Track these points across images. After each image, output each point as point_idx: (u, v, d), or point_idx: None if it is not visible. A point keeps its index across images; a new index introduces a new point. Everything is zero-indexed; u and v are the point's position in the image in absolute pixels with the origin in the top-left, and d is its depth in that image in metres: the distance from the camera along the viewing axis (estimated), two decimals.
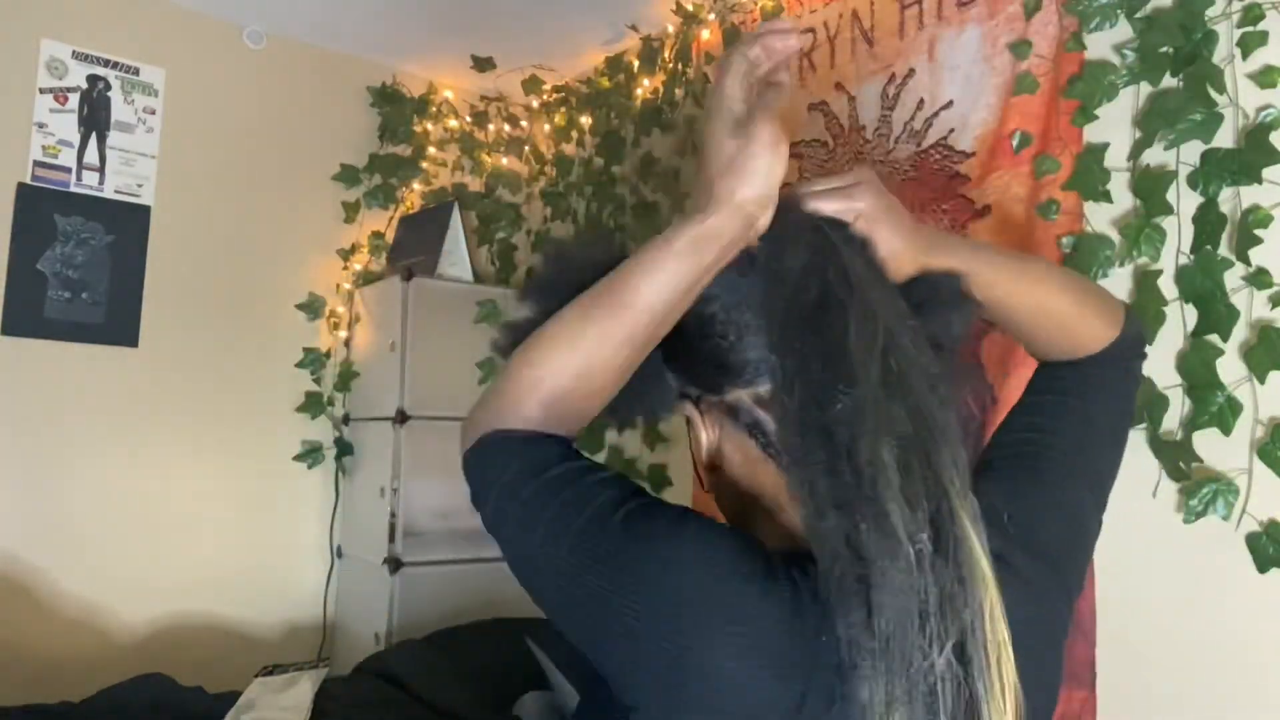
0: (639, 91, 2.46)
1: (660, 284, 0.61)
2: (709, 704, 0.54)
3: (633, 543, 0.57)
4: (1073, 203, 1.54)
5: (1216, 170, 1.36)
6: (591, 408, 0.64)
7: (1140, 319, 1.43)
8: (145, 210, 2.39)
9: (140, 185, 2.39)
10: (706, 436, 0.69)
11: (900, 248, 0.66)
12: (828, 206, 0.65)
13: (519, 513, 0.60)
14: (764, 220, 0.63)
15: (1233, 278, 1.35)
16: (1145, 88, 1.48)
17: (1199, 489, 1.35)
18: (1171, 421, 1.40)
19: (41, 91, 2.28)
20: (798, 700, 0.53)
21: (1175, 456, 1.38)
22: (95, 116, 2.34)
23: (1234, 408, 1.33)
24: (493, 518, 0.62)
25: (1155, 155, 1.45)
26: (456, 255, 2.58)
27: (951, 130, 1.74)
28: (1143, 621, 1.42)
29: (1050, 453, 0.72)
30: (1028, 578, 0.64)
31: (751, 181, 0.61)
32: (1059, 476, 0.71)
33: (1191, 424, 1.37)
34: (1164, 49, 1.42)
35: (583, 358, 0.61)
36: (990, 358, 1.57)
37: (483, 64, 2.65)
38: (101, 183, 2.34)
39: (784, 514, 0.65)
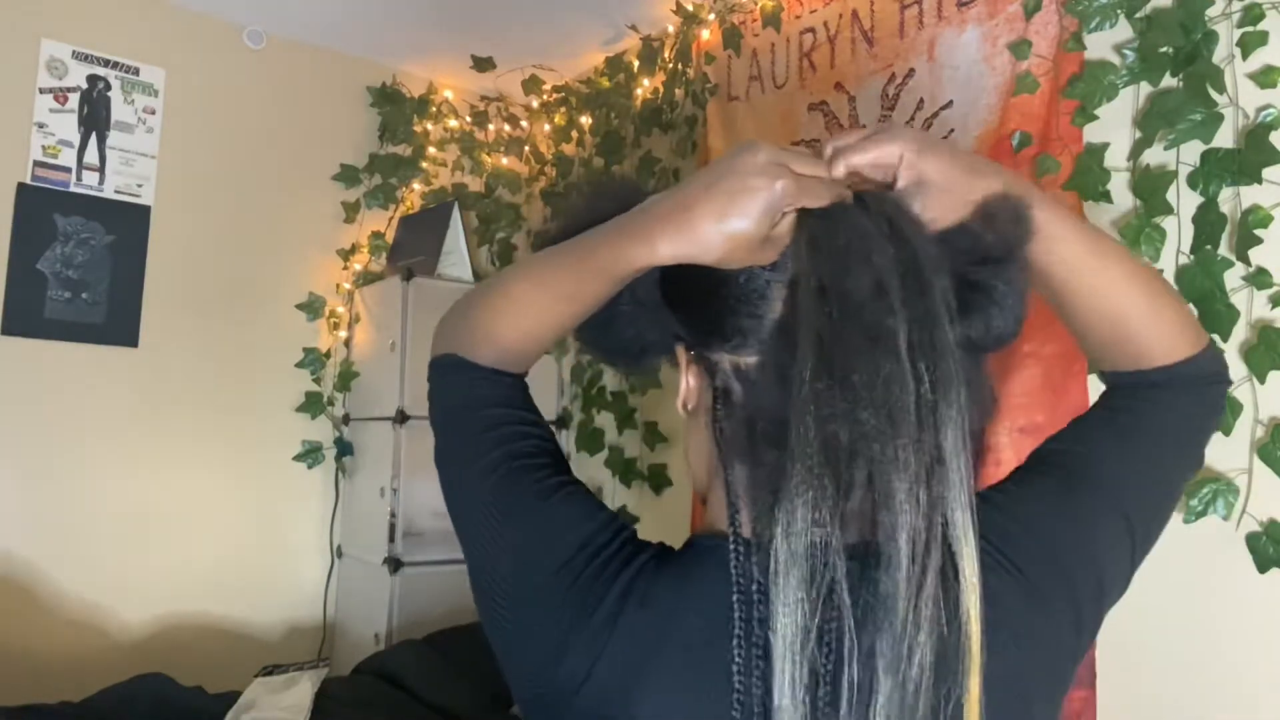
0: (639, 91, 2.46)
1: (607, 286, 0.65)
2: (514, 648, 0.63)
3: (504, 495, 0.65)
4: (1073, 203, 1.54)
5: (1216, 170, 1.36)
6: (535, 356, 0.72)
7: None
8: (145, 210, 2.39)
9: (140, 185, 2.39)
10: (685, 385, 0.68)
11: (952, 173, 0.59)
12: (861, 158, 0.59)
13: (451, 435, 0.70)
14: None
15: (1233, 278, 1.35)
16: (1145, 88, 1.48)
17: (1199, 489, 1.35)
18: None
19: (41, 91, 2.28)
20: (560, 651, 0.59)
21: None
22: (95, 116, 2.34)
23: (1234, 408, 1.33)
24: (433, 422, 0.73)
25: (1155, 155, 1.45)
26: (456, 255, 2.58)
27: (951, 130, 1.74)
28: (1143, 621, 1.42)
29: (1080, 471, 0.66)
30: (1033, 596, 0.61)
31: (701, 246, 0.59)
32: (1083, 497, 0.66)
33: None
34: (1164, 49, 1.42)
35: (530, 326, 0.68)
36: (989, 357, 1.56)
37: (483, 64, 2.65)
38: (101, 183, 2.34)
39: (715, 490, 0.65)
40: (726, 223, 0.57)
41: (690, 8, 2.30)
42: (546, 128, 2.80)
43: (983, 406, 0.64)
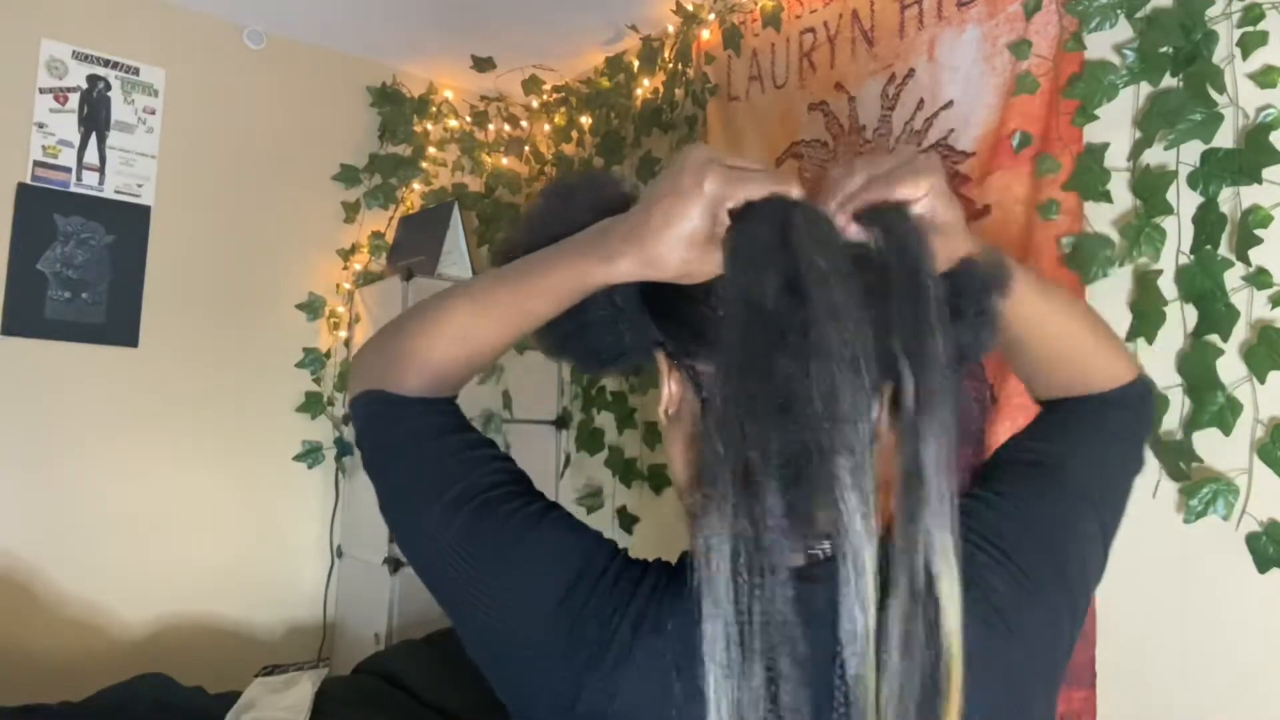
0: (639, 91, 2.46)
1: (560, 305, 0.64)
2: (516, 685, 0.61)
3: (479, 533, 0.61)
4: (1073, 203, 1.54)
5: (1216, 170, 1.36)
6: (467, 379, 0.70)
7: (1141, 328, 1.43)
8: (145, 210, 2.39)
9: (140, 185, 2.39)
10: (668, 391, 0.67)
11: (955, 223, 0.60)
12: (900, 191, 0.57)
13: (397, 477, 0.67)
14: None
15: (1233, 278, 1.35)
16: (1145, 88, 1.48)
17: (1199, 489, 1.35)
18: (1171, 421, 1.40)
19: (41, 91, 2.28)
20: (574, 695, 0.57)
21: (1175, 456, 1.38)
22: (95, 116, 2.34)
23: (1234, 408, 1.33)
24: (370, 467, 0.69)
25: (1155, 155, 1.45)
26: (456, 255, 2.58)
27: (951, 130, 1.74)
28: (1143, 621, 1.42)
29: (1057, 470, 0.70)
30: (1029, 589, 0.62)
31: (661, 260, 0.58)
32: (1062, 492, 0.69)
33: (1191, 424, 1.37)
34: (1164, 49, 1.42)
35: (470, 349, 0.67)
36: (990, 357, 1.56)
37: (483, 64, 2.65)
38: (101, 183, 2.34)
39: None
40: (672, 229, 0.57)
41: (690, 8, 2.30)
42: (546, 128, 2.80)
43: (981, 404, 0.64)
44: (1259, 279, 1.32)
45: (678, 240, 0.57)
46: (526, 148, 2.85)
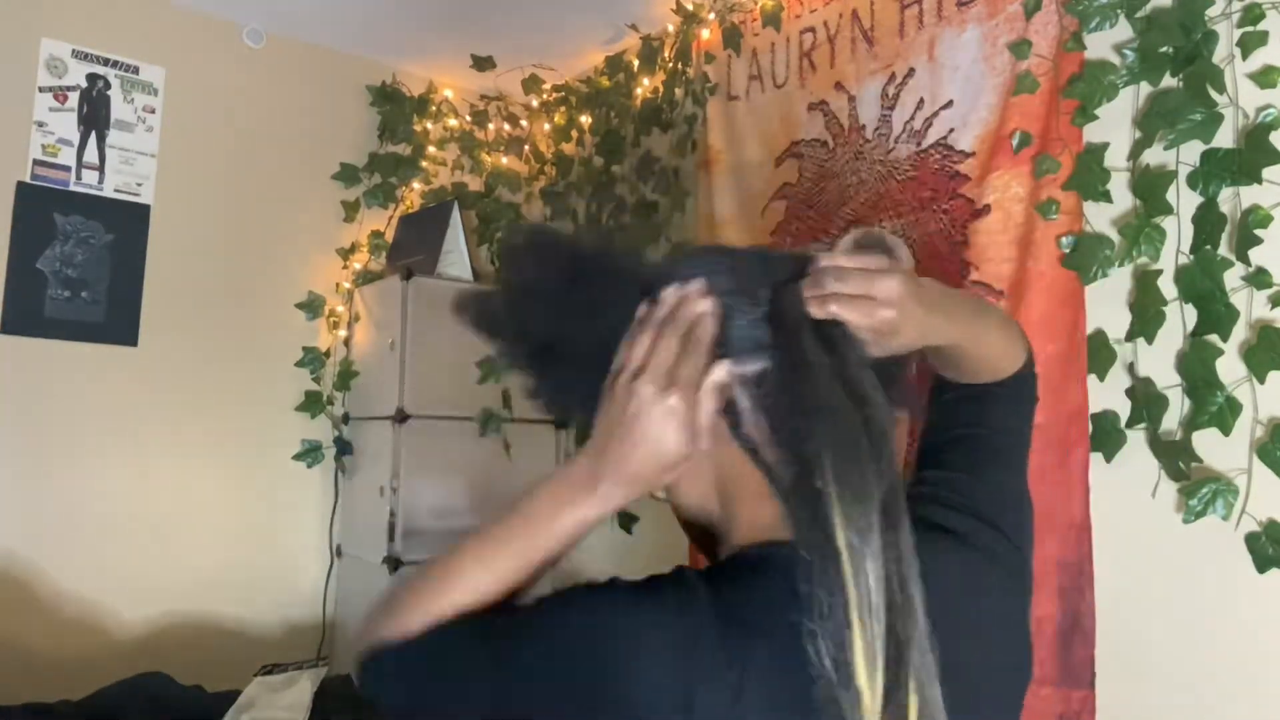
0: (639, 91, 2.46)
1: (571, 544, 0.69)
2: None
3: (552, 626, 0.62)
4: (1073, 202, 1.54)
5: (1216, 170, 1.36)
6: None
7: (1141, 328, 1.44)
8: (145, 209, 2.39)
9: (140, 184, 2.39)
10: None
11: (915, 337, 0.67)
12: (849, 315, 0.63)
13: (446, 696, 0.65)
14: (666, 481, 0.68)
15: (1233, 278, 1.35)
16: (1145, 88, 1.48)
17: (1199, 489, 1.35)
18: (1171, 421, 1.41)
19: (41, 90, 2.28)
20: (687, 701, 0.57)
21: (1175, 456, 1.38)
22: (95, 115, 2.34)
23: (1234, 408, 1.33)
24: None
25: (1155, 155, 1.45)
26: (456, 255, 2.58)
27: (951, 130, 1.74)
28: (1142, 621, 1.43)
29: (983, 438, 0.76)
30: (981, 544, 0.69)
31: (645, 456, 0.66)
32: (989, 455, 0.76)
33: (1191, 424, 1.37)
34: (1164, 49, 1.42)
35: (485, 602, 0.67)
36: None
37: (482, 63, 2.65)
38: (101, 182, 2.34)
39: (743, 501, 0.67)
40: (650, 453, 0.66)
41: (690, 7, 2.30)
42: (546, 127, 2.80)
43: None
44: (1259, 279, 1.32)
45: (658, 464, 0.65)
46: (526, 147, 2.85)
